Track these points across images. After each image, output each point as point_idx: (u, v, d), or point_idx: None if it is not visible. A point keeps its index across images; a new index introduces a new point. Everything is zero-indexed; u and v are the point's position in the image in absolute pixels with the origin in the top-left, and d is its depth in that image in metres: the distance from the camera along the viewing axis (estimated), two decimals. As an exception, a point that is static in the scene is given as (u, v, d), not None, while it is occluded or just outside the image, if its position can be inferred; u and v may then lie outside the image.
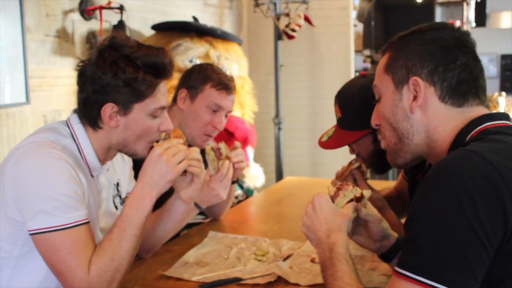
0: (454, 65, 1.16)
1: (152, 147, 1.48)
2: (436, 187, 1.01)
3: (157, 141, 1.50)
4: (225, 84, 2.04)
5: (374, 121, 1.32)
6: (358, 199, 1.30)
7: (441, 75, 1.16)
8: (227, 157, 1.83)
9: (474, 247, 0.95)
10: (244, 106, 3.70)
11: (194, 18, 3.79)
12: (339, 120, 1.76)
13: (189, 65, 3.10)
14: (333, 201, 1.30)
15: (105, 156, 1.52)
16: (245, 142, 3.63)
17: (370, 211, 1.34)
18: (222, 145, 1.82)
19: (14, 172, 1.33)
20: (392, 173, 6.43)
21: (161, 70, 1.45)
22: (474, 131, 1.13)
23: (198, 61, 3.37)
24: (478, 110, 1.17)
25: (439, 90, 1.16)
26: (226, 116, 2.09)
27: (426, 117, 1.18)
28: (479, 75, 1.19)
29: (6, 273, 1.40)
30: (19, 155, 1.34)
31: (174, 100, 2.10)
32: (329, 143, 1.78)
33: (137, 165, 1.90)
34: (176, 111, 2.08)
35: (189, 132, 2.05)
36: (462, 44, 1.19)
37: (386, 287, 1.05)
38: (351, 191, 1.30)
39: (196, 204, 1.82)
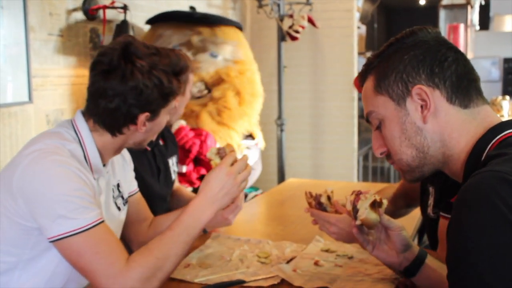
0: (448, 62, 1.13)
1: (210, 160, 1.52)
2: (475, 219, 0.93)
3: (218, 154, 1.52)
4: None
5: (379, 150, 1.22)
6: (379, 205, 1.27)
7: (440, 75, 1.12)
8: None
9: None
10: (241, 94, 3.43)
11: (192, 7, 3.73)
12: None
13: None
14: (355, 206, 1.28)
15: (111, 156, 1.53)
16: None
17: (391, 219, 1.30)
18: None
19: (23, 184, 1.32)
20: (393, 176, 6.41)
21: (185, 72, 1.56)
22: (494, 140, 1.07)
23: (182, 49, 3.25)
24: (486, 111, 1.14)
25: (444, 91, 1.12)
26: None
27: (438, 124, 1.13)
28: (471, 66, 1.16)
29: (15, 275, 1.41)
30: (25, 165, 1.33)
31: None
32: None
33: (136, 166, 1.89)
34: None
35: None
36: (443, 41, 1.16)
37: None
38: (372, 194, 1.28)
39: None
